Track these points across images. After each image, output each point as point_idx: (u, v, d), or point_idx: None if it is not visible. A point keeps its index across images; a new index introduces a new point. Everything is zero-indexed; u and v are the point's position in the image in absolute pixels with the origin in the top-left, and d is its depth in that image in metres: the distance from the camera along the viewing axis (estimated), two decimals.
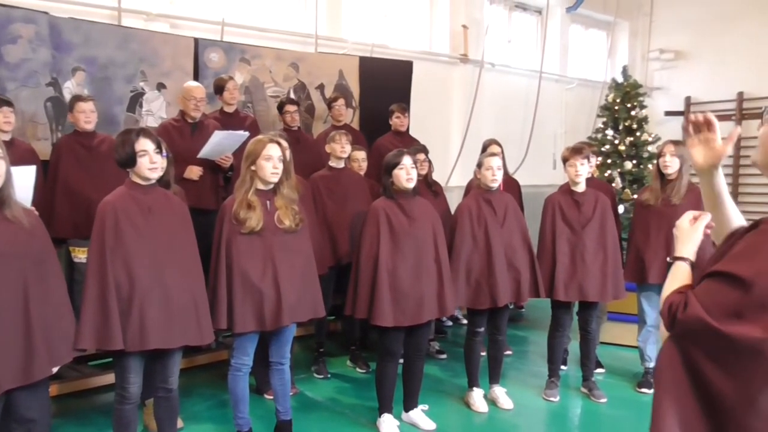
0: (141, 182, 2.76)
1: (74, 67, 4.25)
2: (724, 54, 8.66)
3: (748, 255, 1.21)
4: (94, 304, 2.60)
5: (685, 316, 1.25)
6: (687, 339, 1.25)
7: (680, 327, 1.26)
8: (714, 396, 1.21)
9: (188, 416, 3.70)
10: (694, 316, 1.23)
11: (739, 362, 1.18)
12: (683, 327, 1.26)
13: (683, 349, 1.26)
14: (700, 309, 1.22)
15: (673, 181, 4.04)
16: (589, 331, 4.09)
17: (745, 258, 1.21)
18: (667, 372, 1.29)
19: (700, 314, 1.22)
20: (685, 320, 1.25)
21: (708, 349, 1.22)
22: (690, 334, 1.25)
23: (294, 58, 5.42)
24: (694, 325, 1.23)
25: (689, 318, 1.24)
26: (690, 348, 1.25)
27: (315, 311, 3.23)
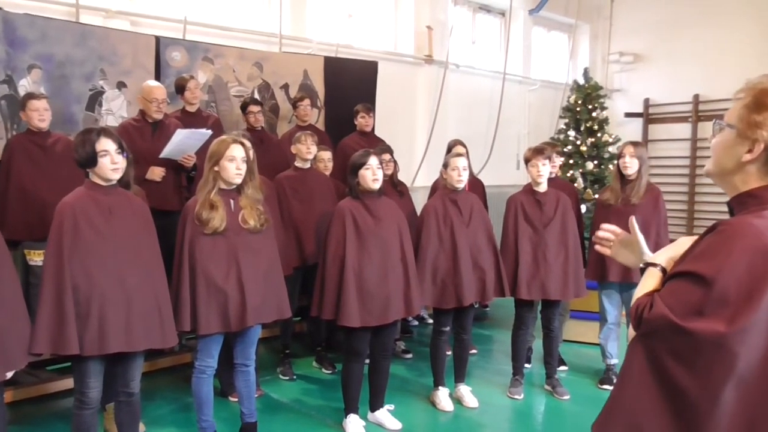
0: (101, 183, 2.71)
1: (30, 65, 4.14)
2: (681, 57, 8.90)
3: (708, 254, 1.25)
4: (50, 307, 2.55)
5: (650, 315, 1.28)
6: (652, 337, 1.28)
7: (645, 326, 1.29)
8: (678, 392, 1.24)
9: (150, 420, 3.64)
10: (658, 315, 1.26)
11: (701, 358, 1.21)
12: (648, 326, 1.28)
13: (648, 348, 1.29)
14: (664, 307, 1.25)
15: (632, 181, 4.13)
16: (551, 329, 4.15)
17: (704, 257, 1.25)
18: (630, 369, 1.32)
19: (663, 312, 1.25)
20: (650, 319, 1.28)
21: (671, 347, 1.25)
22: (654, 332, 1.27)
23: (258, 57, 5.37)
24: (658, 322, 1.26)
25: (653, 316, 1.27)
26: (655, 346, 1.28)
27: (280, 312, 3.21)
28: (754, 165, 1.30)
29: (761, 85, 1.31)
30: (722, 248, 1.23)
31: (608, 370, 4.34)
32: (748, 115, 1.30)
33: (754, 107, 1.29)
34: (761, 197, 1.29)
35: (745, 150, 1.30)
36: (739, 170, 1.32)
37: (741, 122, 1.31)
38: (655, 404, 1.27)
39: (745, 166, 1.31)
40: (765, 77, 1.32)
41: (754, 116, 1.29)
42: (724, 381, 1.20)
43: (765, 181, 1.30)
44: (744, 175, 1.32)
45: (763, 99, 1.29)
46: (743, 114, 1.31)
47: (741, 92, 1.34)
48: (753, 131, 1.29)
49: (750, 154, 1.29)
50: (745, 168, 1.31)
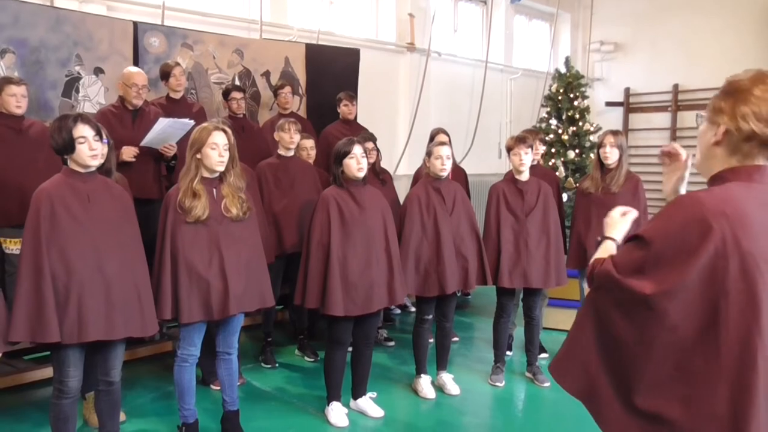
0: (80, 170, 2.67)
1: (2, 49, 4.04)
2: (661, 47, 8.98)
3: (654, 220, 1.40)
4: (28, 294, 2.52)
5: (599, 271, 1.46)
6: (599, 291, 1.46)
7: (596, 281, 1.47)
8: (618, 339, 1.40)
9: (131, 409, 3.62)
10: (604, 270, 1.43)
11: (636, 311, 1.36)
12: (597, 281, 1.46)
13: (596, 300, 1.47)
14: (610, 264, 1.42)
15: (612, 170, 4.16)
16: (533, 317, 4.19)
17: (651, 222, 1.40)
18: (581, 318, 1.50)
19: (608, 268, 1.42)
20: (598, 274, 1.46)
21: (614, 299, 1.41)
22: (601, 286, 1.45)
23: (238, 44, 5.31)
24: (603, 278, 1.43)
25: (600, 272, 1.45)
26: (601, 298, 1.45)
27: (263, 300, 3.20)
28: (720, 148, 1.41)
29: (733, 78, 1.42)
30: (666, 214, 1.37)
31: None
32: (717, 102, 1.42)
33: (722, 95, 1.42)
34: (723, 177, 1.41)
35: (713, 133, 1.42)
36: (711, 156, 1.44)
37: (710, 110, 1.44)
38: (599, 348, 1.45)
39: (714, 151, 1.43)
40: (744, 72, 1.41)
41: (720, 103, 1.41)
42: (655, 333, 1.34)
43: (729, 163, 1.41)
44: (714, 159, 1.43)
45: (729, 88, 1.41)
46: (712, 103, 1.44)
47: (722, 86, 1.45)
48: (718, 116, 1.41)
49: (715, 137, 1.41)
50: (714, 152, 1.43)
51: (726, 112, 1.38)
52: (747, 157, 1.38)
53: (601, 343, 1.44)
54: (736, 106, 1.37)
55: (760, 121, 1.34)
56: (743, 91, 1.37)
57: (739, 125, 1.36)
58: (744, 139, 1.36)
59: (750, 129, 1.35)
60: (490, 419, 3.81)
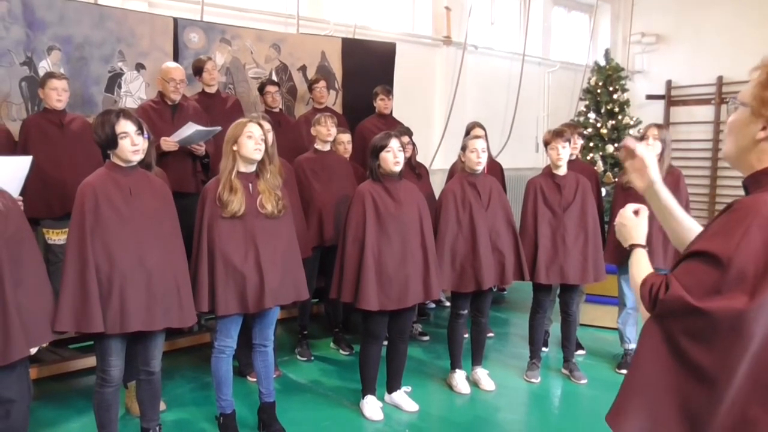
0: (122, 164, 2.72)
1: (49, 46, 4.15)
2: (704, 38, 8.73)
3: (723, 233, 1.24)
4: (74, 285, 2.58)
5: (667, 297, 1.27)
6: (668, 319, 1.28)
7: (661, 307, 1.29)
8: (696, 370, 1.25)
9: (171, 399, 3.69)
10: (675, 296, 1.25)
11: (718, 337, 1.21)
12: (664, 307, 1.28)
13: (664, 329, 1.29)
14: (680, 289, 1.25)
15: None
16: (569, 313, 4.13)
17: (720, 236, 1.25)
18: (645, 352, 1.32)
19: (680, 294, 1.24)
20: (667, 300, 1.27)
21: (688, 327, 1.25)
22: (670, 314, 1.27)
23: (275, 39, 5.35)
24: (674, 304, 1.26)
25: (670, 298, 1.26)
26: (671, 327, 1.28)
27: (298, 294, 3.22)
28: (766, 143, 1.29)
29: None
30: (738, 226, 1.23)
31: (626, 354, 4.32)
32: (762, 92, 1.27)
33: (764, 84, 1.27)
34: None
35: (759, 128, 1.29)
36: (754, 149, 1.31)
37: (755, 100, 1.29)
38: (673, 383, 1.27)
39: (760, 144, 1.30)
40: None
41: (765, 92, 1.27)
42: (741, 356, 1.21)
43: None
44: (759, 153, 1.31)
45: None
46: (757, 92, 1.28)
47: (756, 70, 1.31)
48: (764, 108, 1.27)
49: (764, 132, 1.28)
50: (759, 146, 1.30)
51: None
52: None
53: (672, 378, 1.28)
54: None
55: None
56: None
57: None
58: None
59: None
60: (526, 416, 3.78)
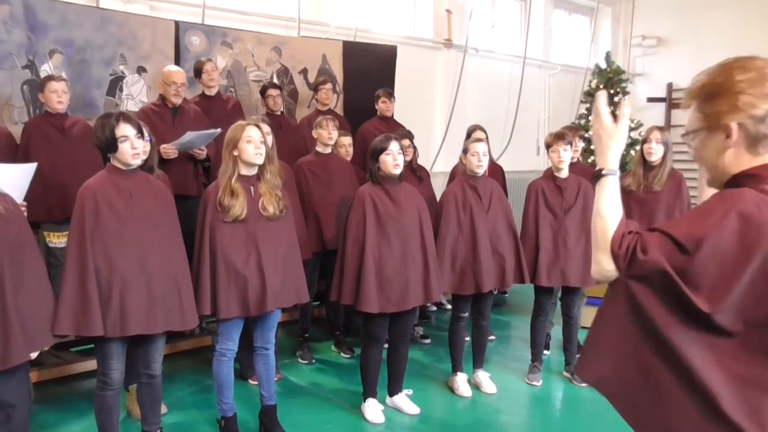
0: (122, 167, 2.72)
1: (51, 50, 4.15)
2: (705, 40, 8.71)
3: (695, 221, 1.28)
4: (74, 289, 2.58)
5: (645, 259, 1.27)
6: (642, 282, 1.28)
7: (638, 268, 1.28)
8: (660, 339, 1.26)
9: (172, 402, 3.69)
10: (655, 262, 1.26)
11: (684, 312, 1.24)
12: (641, 269, 1.28)
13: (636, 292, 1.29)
14: (660, 256, 1.26)
15: (656, 167, 4.05)
16: (571, 316, 4.13)
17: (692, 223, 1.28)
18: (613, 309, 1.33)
19: (660, 261, 1.25)
20: (645, 263, 1.27)
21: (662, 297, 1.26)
22: (646, 278, 1.27)
23: (276, 42, 5.35)
24: (652, 269, 1.26)
25: (649, 262, 1.26)
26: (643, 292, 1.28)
27: (299, 297, 3.23)
28: (734, 148, 1.34)
29: (695, 84, 1.39)
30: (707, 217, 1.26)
31: None
32: (706, 110, 1.36)
33: (705, 102, 1.36)
34: (758, 176, 1.32)
35: (724, 138, 1.34)
36: (725, 162, 1.36)
37: (705, 120, 1.37)
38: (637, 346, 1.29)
39: (728, 155, 1.35)
40: (700, 75, 1.40)
41: (710, 107, 1.35)
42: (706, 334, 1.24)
43: (754, 157, 1.34)
44: (732, 159, 1.35)
45: (707, 91, 1.36)
46: (700, 114, 1.38)
47: (686, 101, 1.43)
48: (718, 119, 1.33)
49: (730, 139, 1.33)
50: (727, 156, 1.35)
51: (726, 111, 1.32)
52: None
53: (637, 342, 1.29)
54: (732, 100, 1.31)
55: (764, 99, 1.29)
56: (728, 85, 1.32)
57: (751, 113, 1.30)
58: (760, 121, 1.30)
59: (764, 110, 1.29)
60: (527, 418, 3.78)
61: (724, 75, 1.33)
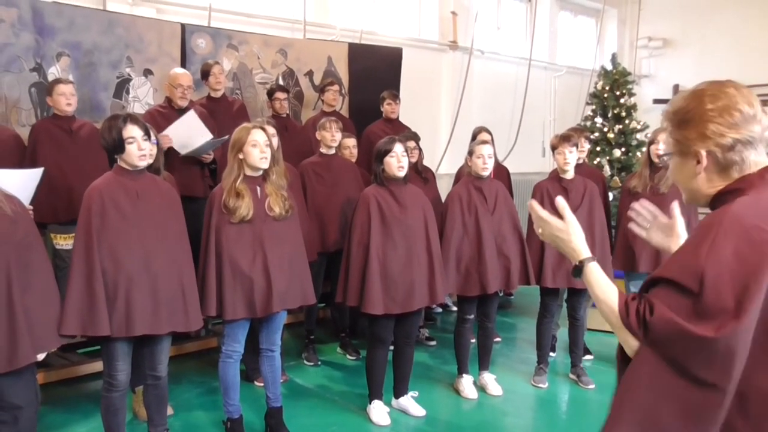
0: (129, 168, 2.73)
1: (59, 53, 4.18)
2: (712, 42, 8.69)
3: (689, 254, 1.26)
4: (80, 289, 2.59)
5: (655, 319, 1.24)
6: (663, 342, 1.24)
7: (653, 331, 1.25)
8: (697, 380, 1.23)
9: (178, 403, 3.69)
10: (665, 319, 1.23)
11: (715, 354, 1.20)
12: (656, 330, 1.25)
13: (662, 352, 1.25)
14: (668, 311, 1.23)
15: (662, 169, 4.02)
16: (577, 318, 4.11)
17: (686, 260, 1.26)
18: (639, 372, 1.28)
19: (669, 316, 1.22)
20: (656, 323, 1.24)
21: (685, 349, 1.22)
22: (665, 337, 1.24)
23: (282, 44, 5.37)
24: (666, 327, 1.23)
25: (660, 321, 1.24)
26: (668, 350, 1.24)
27: (305, 298, 3.23)
28: (707, 173, 1.36)
29: (669, 108, 1.41)
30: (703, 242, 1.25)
31: None
32: (677, 135, 1.39)
33: (675, 129, 1.39)
34: (739, 190, 1.32)
35: (695, 163, 1.36)
36: (699, 185, 1.38)
37: (676, 145, 1.40)
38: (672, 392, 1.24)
39: (701, 178, 1.37)
40: (675, 98, 1.42)
41: (682, 134, 1.37)
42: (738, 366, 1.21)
43: (724, 178, 1.35)
44: (704, 186, 1.37)
45: (678, 118, 1.38)
46: (671, 139, 1.41)
47: (662, 122, 1.46)
48: (689, 146, 1.36)
49: (700, 165, 1.35)
50: (701, 180, 1.38)
51: (695, 138, 1.34)
52: (743, 162, 1.33)
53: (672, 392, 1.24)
54: (701, 129, 1.33)
55: (732, 128, 1.31)
56: (697, 113, 1.34)
57: (718, 141, 1.32)
58: (728, 149, 1.32)
59: (731, 139, 1.31)
60: (533, 421, 3.77)
61: (695, 102, 1.36)
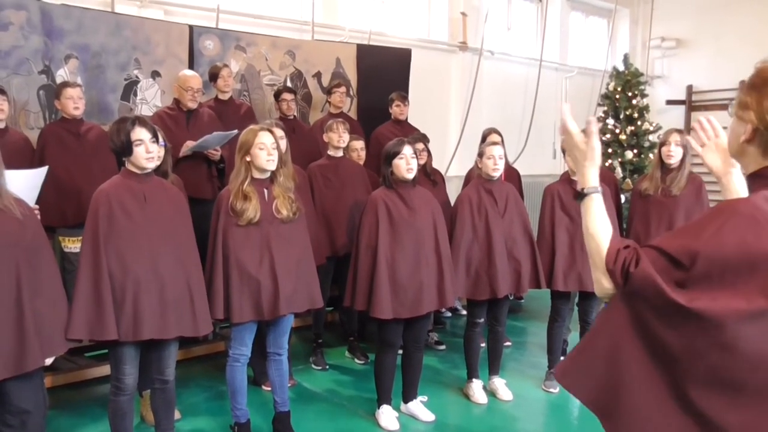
0: (137, 171, 2.72)
1: (67, 55, 4.18)
2: (726, 41, 8.58)
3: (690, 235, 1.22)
4: (88, 293, 2.58)
5: (637, 272, 1.22)
6: (637, 297, 1.23)
7: (631, 283, 1.24)
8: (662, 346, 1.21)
9: (186, 408, 3.67)
10: (646, 275, 1.21)
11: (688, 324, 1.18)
12: (634, 283, 1.23)
13: (633, 306, 1.24)
14: (651, 269, 1.20)
15: (674, 171, 3.97)
16: (589, 321, 4.05)
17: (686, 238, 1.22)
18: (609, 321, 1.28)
19: (651, 274, 1.20)
20: (637, 276, 1.22)
21: (658, 309, 1.21)
22: (641, 292, 1.23)
23: (290, 45, 5.35)
24: (645, 283, 1.21)
25: (640, 275, 1.22)
26: (640, 306, 1.23)
27: (312, 302, 3.21)
28: (752, 147, 1.28)
29: (762, 65, 1.28)
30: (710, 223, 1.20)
31: None
32: (742, 96, 1.28)
33: (747, 88, 1.28)
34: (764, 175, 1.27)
35: (742, 130, 1.28)
36: (743, 152, 1.31)
37: (736, 105, 1.30)
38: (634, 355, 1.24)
39: (746, 148, 1.29)
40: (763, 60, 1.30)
41: (746, 97, 1.27)
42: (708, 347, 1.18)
43: (764, 162, 1.27)
44: (747, 157, 1.31)
45: (756, 79, 1.26)
46: (738, 96, 1.30)
47: None
48: (744, 112, 1.27)
49: (744, 135, 1.28)
50: (746, 150, 1.30)
51: (752, 107, 1.25)
52: None
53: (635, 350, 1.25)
54: (761, 100, 1.23)
55: None
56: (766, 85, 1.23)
57: (766, 120, 1.23)
58: None
59: None
60: (544, 426, 3.73)
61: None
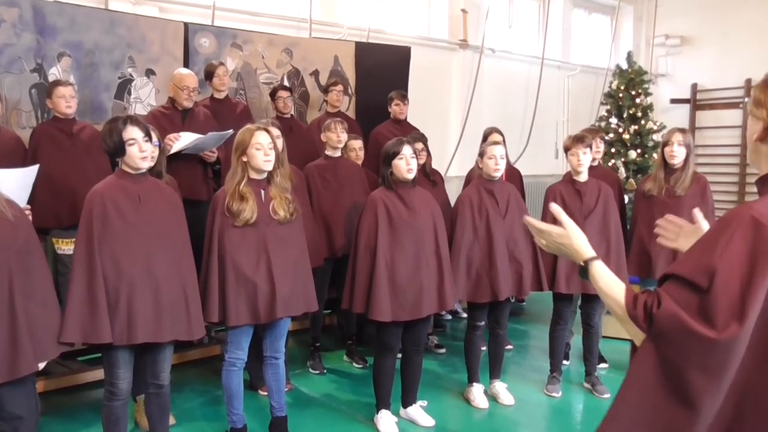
0: (131, 171, 2.69)
1: (60, 53, 4.11)
2: (731, 39, 8.49)
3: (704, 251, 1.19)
4: (81, 296, 2.55)
5: (661, 312, 1.20)
6: (664, 338, 1.20)
7: (657, 324, 1.21)
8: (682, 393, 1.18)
9: (181, 413, 3.63)
10: (670, 313, 1.18)
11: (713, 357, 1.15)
12: (660, 324, 1.21)
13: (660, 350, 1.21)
14: (674, 305, 1.18)
15: (678, 171, 3.93)
16: (592, 325, 4.01)
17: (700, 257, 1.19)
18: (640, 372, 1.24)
19: (675, 310, 1.18)
20: (661, 316, 1.20)
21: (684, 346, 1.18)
22: (667, 332, 1.20)
23: (287, 43, 5.28)
24: (670, 322, 1.19)
25: (665, 315, 1.19)
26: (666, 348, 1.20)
27: (308, 305, 3.17)
28: (765, 145, 1.23)
29: None
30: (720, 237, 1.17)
31: None
32: (756, 94, 1.26)
33: (763, 85, 1.26)
34: None
35: (756, 129, 1.24)
36: (757, 151, 1.26)
37: (751, 102, 1.27)
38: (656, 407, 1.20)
39: (759, 147, 1.25)
40: None
41: (760, 95, 1.25)
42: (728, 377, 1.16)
43: None
44: (760, 156, 1.26)
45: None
46: (753, 94, 1.27)
47: None
48: (758, 109, 1.25)
49: (757, 133, 1.24)
50: (759, 149, 1.25)
51: (765, 105, 1.22)
52: None
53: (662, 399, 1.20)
54: None
55: None
56: None
57: None
58: None
59: None
60: (546, 431, 3.67)
61: None
